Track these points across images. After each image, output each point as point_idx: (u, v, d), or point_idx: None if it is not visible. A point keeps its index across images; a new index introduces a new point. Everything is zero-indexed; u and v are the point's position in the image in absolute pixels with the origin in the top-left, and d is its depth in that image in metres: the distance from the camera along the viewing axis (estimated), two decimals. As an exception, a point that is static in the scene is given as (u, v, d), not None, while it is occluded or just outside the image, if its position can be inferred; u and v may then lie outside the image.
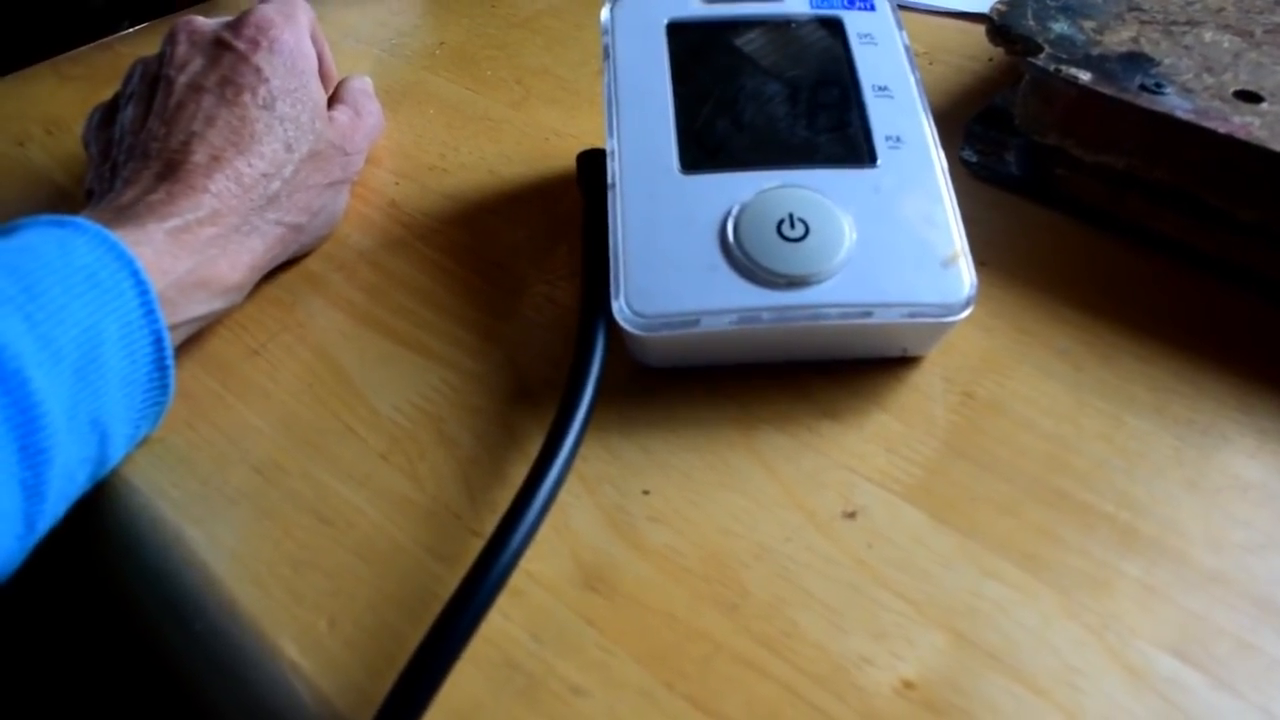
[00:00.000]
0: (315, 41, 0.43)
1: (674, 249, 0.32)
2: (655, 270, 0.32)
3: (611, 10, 0.38)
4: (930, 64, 0.49)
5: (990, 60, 0.49)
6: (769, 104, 0.36)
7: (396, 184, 0.43)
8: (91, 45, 0.54)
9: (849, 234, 0.33)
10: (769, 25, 0.38)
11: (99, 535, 0.32)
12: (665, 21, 0.38)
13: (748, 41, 0.38)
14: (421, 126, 0.46)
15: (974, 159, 0.42)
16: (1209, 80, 0.38)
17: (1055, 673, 0.27)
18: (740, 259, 0.32)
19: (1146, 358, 0.34)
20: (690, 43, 0.37)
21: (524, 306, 0.37)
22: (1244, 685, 0.26)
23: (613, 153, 0.35)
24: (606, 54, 0.37)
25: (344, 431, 0.33)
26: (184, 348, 0.35)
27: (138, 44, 0.54)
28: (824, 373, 0.34)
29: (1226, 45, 0.40)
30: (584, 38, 0.52)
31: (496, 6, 0.56)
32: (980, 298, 0.36)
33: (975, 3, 0.53)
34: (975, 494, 0.31)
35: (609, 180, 0.34)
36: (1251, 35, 0.40)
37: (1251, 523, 0.30)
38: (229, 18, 0.40)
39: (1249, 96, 0.37)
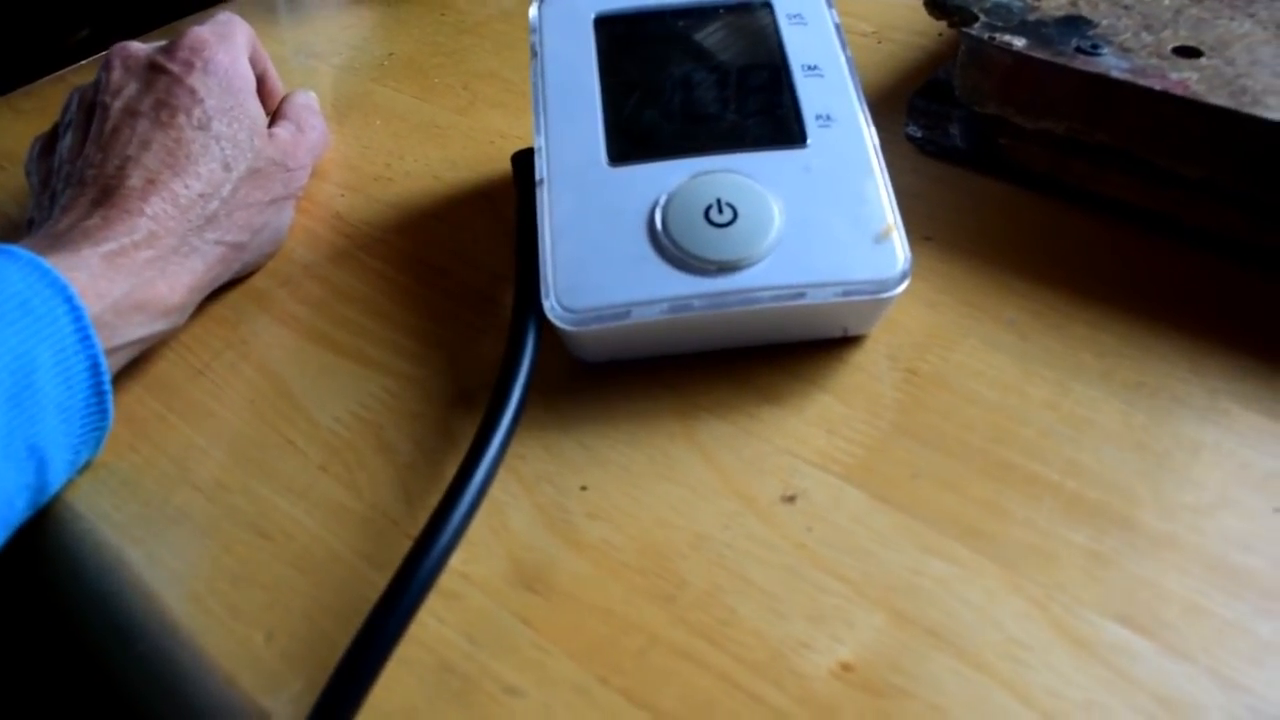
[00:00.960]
0: (257, 60, 0.43)
1: (602, 242, 0.32)
2: (584, 265, 0.32)
3: (539, 8, 0.38)
4: (879, 43, 0.49)
5: (940, 36, 0.49)
6: (697, 91, 0.36)
7: (341, 196, 0.43)
8: (45, 79, 0.54)
9: (778, 216, 0.32)
10: (698, 12, 0.38)
11: (44, 561, 0.32)
12: (593, 16, 0.38)
13: (677, 30, 0.37)
14: (368, 137, 0.46)
15: (918, 134, 0.41)
16: (1147, 39, 0.37)
17: (998, 647, 0.26)
18: (669, 248, 0.32)
19: (1094, 323, 0.34)
20: (618, 35, 0.37)
21: (465, 310, 0.37)
22: (1194, 649, 0.26)
23: (540, 150, 0.34)
24: (534, 52, 0.37)
25: (284, 445, 0.33)
26: (127, 370, 0.35)
27: (92, 76, 0.54)
28: (766, 358, 0.34)
29: (1167, 2, 0.39)
30: (533, 40, 0.52)
31: (446, 14, 0.55)
32: (926, 273, 0.36)
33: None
34: (918, 471, 0.30)
35: (538, 177, 0.34)
36: (1195, -9, 0.40)
37: (1202, 483, 0.29)
38: (164, 41, 0.41)
39: (1188, 52, 0.36)
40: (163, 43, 0.41)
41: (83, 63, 0.56)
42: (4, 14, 0.64)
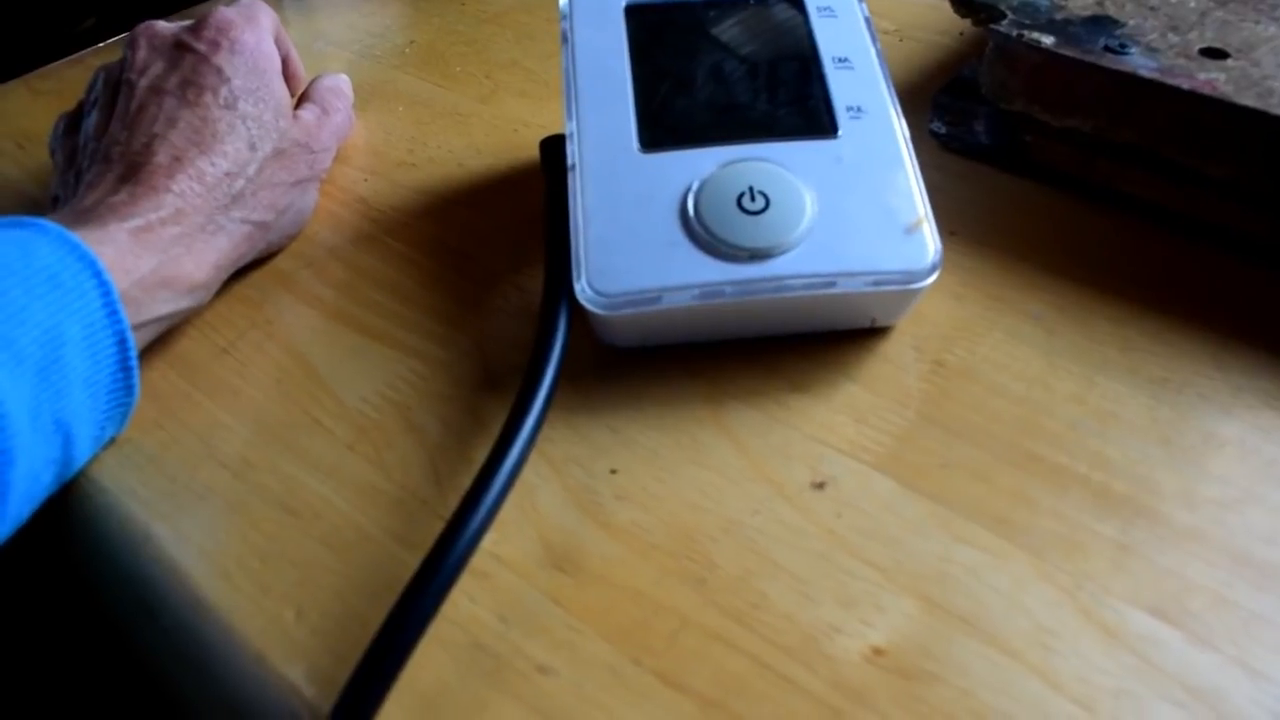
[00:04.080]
0: (280, 43, 0.43)
1: (634, 227, 0.32)
2: (616, 249, 0.32)
3: (570, -5, 0.38)
4: (900, 41, 0.49)
5: (961, 35, 0.49)
6: (729, 80, 0.36)
7: (366, 180, 0.43)
8: (63, 60, 0.54)
9: (810, 205, 0.32)
10: (728, 3, 0.38)
11: (70, 536, 0.32)
12: (624, 3, 0.38)
13: (707, 20, 0.38)
14: (391, 124, 0.46)
15: (943, 130, 0.42)
16: (1174, 39, 0.37)
17: (1028, 634, 0.26)
18: (701, 234, 0.32)
19: (1119, 319, 0.34)
20: (649, 24, 0.37)
21: (492, 295, 0.37)
22: (1221, 640, 0.26)
23: (572, 135, 0.34)
24: (565, 39, 0.37)
25: (312, 424, 0.33)
26: (153, 348, 0.35)
27: (109, 58, 0.54)
28: (794, 346, 0.34)
29: (1193, 4, 0.39)
30: (554, 31, 0.52)
31: (466, 4, 0.56)
32: (951, 267, 0.36)
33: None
34: (946, 460, 0.30)
35: (569, 162, 0.34)
36: (1219, -7, 0.40)
37: (1228, 478, 0.29)
38: (190, 21, 0.40)
39: (1215, 53, 0.36)
40: (188, 23, 0.41)
41: (101, 45, 0.56)
42: (9, 4, 0.64)
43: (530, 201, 0.40)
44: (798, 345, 0.34)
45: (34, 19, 0.66)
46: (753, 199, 0.32)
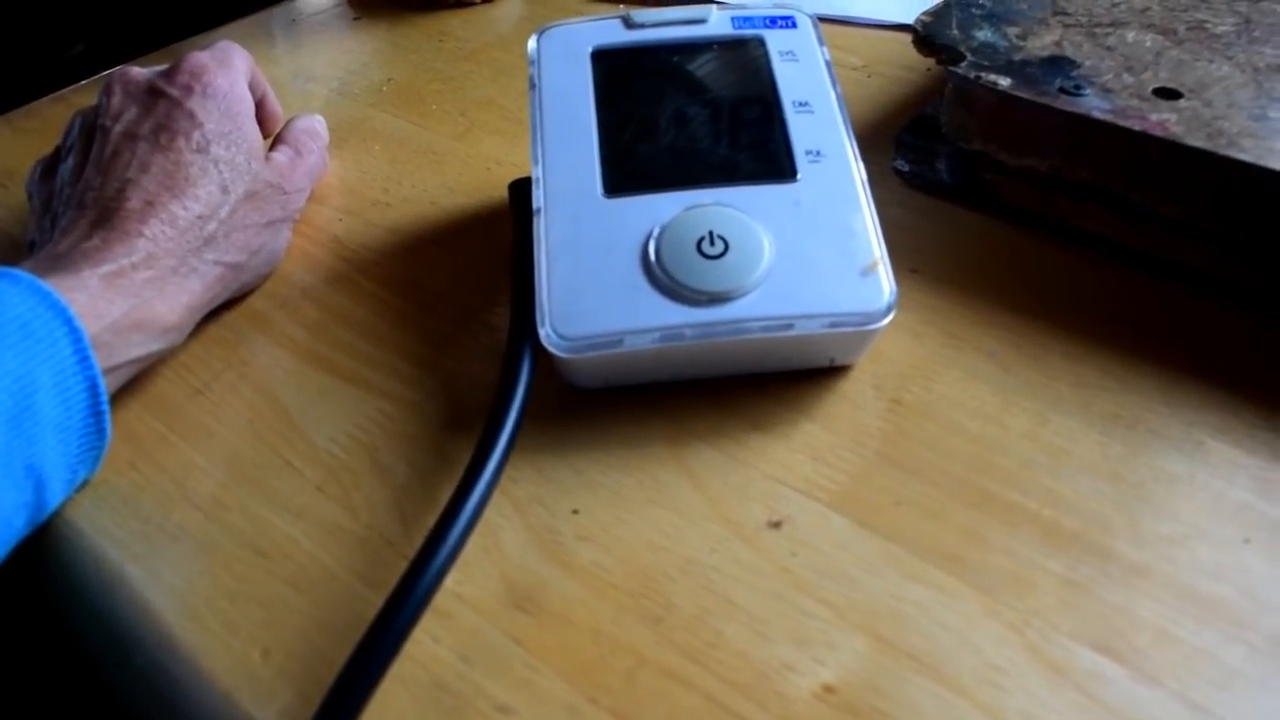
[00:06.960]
0: (255, 85, 0.44)
1: (597, 271, 0.33)
2: (579, 293, 0.33)
3: (538, 40, 0.39)
4: (869, 76, 0.50)
5: (928, 71, 0.50)
6: (691, 125, 0.37)
7: (340, 220, 0.44)
8: (46, 98, 0.55)
9: (768, 248, 0.33)
10: (693, 48, 0.39)
11: (46, 576, 0.33)
12: (590, 49, 0.39)
13: (672, 65, 0.38)
14: (366, 162, 0.47)
15: (906, 168, 0.42)
16: (1129, 80, 0.38)
17: (976, 672, 0.27)
18: (662, 278, 0.33)
19: (1074, 355, 0.35)
20: (615, 69, 0.38)
21: (462, 335, 0.38)
22: (1164, 675, 0.27)
23: (538, 180, 0.35)
24: (533, 84, 0.38)
25: (282, 466, 0.34)
26: (128, 389, 0.36)
27: (92, 95, 0.55)
28: (755, 386, 0.34)
29: (1149, 44, 0.40)
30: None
31: (444, 41, 0.56)
32: (911, 304, 0.37)
33: (904, 14, 0.54)
34: (901, 498, 0.31)
35: (534, 206, 0.35)
36: (1174, 33, 0.41)
37: (1176, 514, 0.30)
38: (164, 66, 0.41)
39: (1168, 94, 0.37)
40: (162, 67, 0.42)
41: (83, 83, 0.56)
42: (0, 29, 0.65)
43: (501, 240, 0.41)
44: (758, 384, 0.34)
45: (23, 45, 0.67)
46: (712, 243, 0.33)
